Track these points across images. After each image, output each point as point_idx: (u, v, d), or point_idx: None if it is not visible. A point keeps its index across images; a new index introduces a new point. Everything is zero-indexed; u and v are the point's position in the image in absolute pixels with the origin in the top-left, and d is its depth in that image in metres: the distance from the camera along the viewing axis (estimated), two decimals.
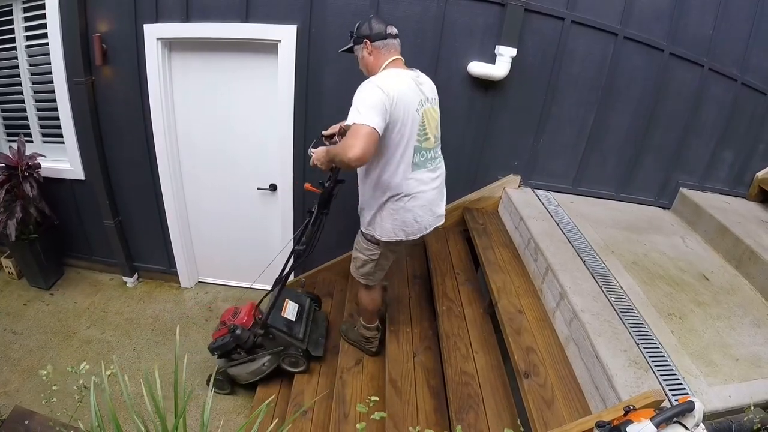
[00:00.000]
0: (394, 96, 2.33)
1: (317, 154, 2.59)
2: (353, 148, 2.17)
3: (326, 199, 2.95)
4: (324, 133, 3.04)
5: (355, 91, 2.72)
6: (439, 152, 2.78)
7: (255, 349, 3.44)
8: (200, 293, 4.93)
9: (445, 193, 2.87)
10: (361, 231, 2.84)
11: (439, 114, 2.72)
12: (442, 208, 2.80)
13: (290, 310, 3.63)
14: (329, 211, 3.04)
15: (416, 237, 2.69)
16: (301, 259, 3.18)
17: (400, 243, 2.73)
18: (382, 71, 2.53)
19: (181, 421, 1.76)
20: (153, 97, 3.90)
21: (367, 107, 2.25)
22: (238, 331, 3.32)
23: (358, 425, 1.94)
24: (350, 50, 2.77)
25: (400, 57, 2.62)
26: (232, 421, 3.51)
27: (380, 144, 2.36)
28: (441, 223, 2.81)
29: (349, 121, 2.28)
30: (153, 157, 4.18)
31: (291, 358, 3.46)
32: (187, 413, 1.89)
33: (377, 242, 2.73)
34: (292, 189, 4.21)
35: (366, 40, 2.59)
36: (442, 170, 2.79)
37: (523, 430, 2.21)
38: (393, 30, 2.61)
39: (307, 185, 2.93)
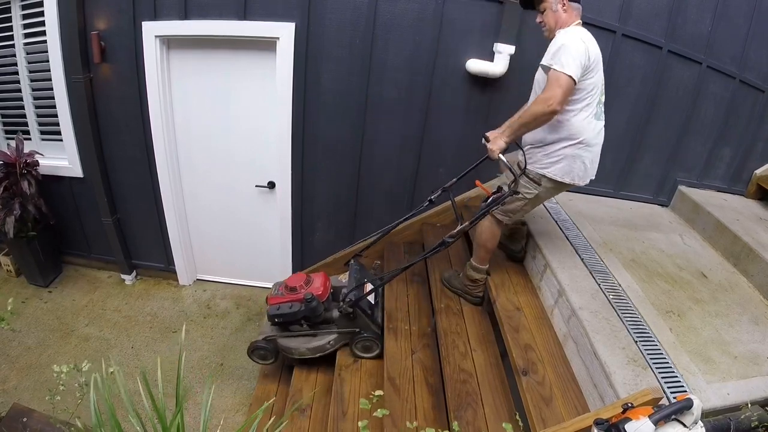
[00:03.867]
0: (592, 50, 2.46)
1: (493, 142, 2.62)
2: (556, 98, 2.32)
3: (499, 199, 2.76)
4: (488, 134, 2.89)
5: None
6: None
7: (320, 324, 3.28)
8: (198, 291, 4.93)
9: None
10: (523, 170, 2.76)
11: None
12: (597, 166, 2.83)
13: (370, 291, 3.37)
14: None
15: (575, 184, 2.74)
16: (442, 248, 2.91)
17: (562, 187, 2.77)
18: (572, 27, 2.57)
19: (180, 420, 1.76)
20: (151, 95, 3.89)
21: (568, 56, 2.35)
22: (314, 303, 3.14)
23: (359, 423, 1.95)
24: (528, 3, 2.80)
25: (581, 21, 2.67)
26: (231, 419, 3.51)
27: (576, 87, 2.47)
28: (591, 179, 2.83)
29: (546, 62, 2.42)
30: (151, 155, 4.18)
31: (366, 342, 3.23)
32: (186, 411, 1.89)
33: (539, 182, 2.74)
34: (290, 186, 4.21)
35: None
36: None
37: (521, 424, 2.22)
38: None
39: (478, 182, 2.92)
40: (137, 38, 3.70)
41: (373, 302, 3.38)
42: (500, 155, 2.57)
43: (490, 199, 2.72)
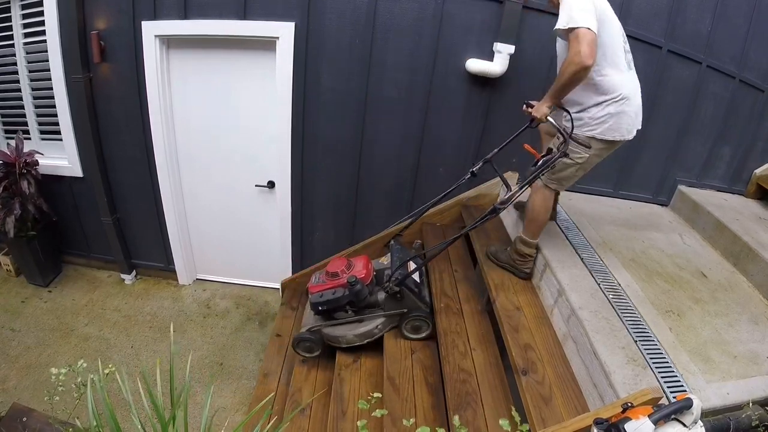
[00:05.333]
0: (597, 2, 2.44)
1: (536, 109, 2.63)
2: (583, 53, 2.30)
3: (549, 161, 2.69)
4: (532, 102, 2.88)
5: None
6: None
7: (366, 308, 3.21)
8: (198, 290, 4.93)
9: None
10: (570, 134, 2.72)
11: None
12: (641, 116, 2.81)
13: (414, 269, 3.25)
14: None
15: (625, 140, 2.73)
16: (493, 216, 2.81)
17: (613, 145, 2.75)
18: None
19: (180, 419, 1.76)
20: (151, 95, 3.89)
21: (579, 10, 2.34)
22: (358, 286, 3.06)
23: (358, 422, 1.95)
24: None
25: None
26: (230, 418, 3.51)
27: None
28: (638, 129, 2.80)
29: (561, 25, 2.40)
30: (151, 155, 4.18)
31: (415, 322, 3.14)
32: (185, 411, 1.89)
33: (589, 145, 2.70)
34: (290, 186, 4.22)
35: None
36: None
37: (519, 418, 2.22)
38: None
39: (527, 145, 2.82)
40: (137, 38, 3.70)
41: (418, 281, 3.29)
42: (549, 117, 2.58)
43: (540, 161, 2.67)
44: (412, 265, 3.19)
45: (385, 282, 3.12)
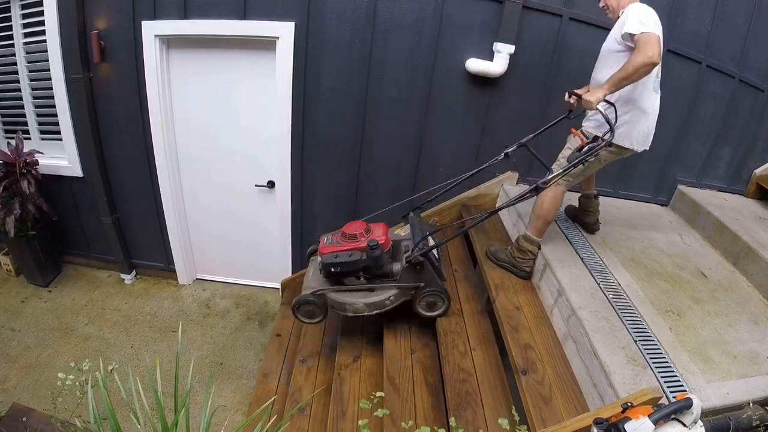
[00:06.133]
0: (659, 21, 2.59)
1: (591, 93, 2.66)
2: (652, 52, 2.45)
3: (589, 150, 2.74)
4: (577, 91, 2.93)
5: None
6: None
7: (379, 277, 3.08)
8: (198, 290, 4.93)
9: None
10: (584, 133, 2.92)
11: None
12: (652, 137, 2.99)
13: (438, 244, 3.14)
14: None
15: (634, 150, 2.90)
16: (534, 194, 2.79)
17: (622, 151, 2.91)
18: (636, 3, 2.75)
19: (182, 419, 1.76)
20: (151, 94, 3.89)
21: (651, 21, 2.52)
22: (378, 251, 2.91)
23: (360, 422, 1.94)
24: None
25: None
26: (230, 418, 3.51)
27: None
28: (646, 149, 2.98)
29: (633, 30, 2.53)
30: (151, 155, 4.18)
31: (431, 298, 3.03)
32: (187, 415, 1.89)
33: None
34: (290, 186, 4.22)
35: None
36: None
37: (518, 418, 2.22)
38: None
39: (574, 129, 2.90)
40: (137, 38, 3.70)
41: (437, 256, 3.17)
42: (598, 106, 2.63)
43: (586, 147, 2.73)
44: (431, 241, 3.09)
45: (407, 251, 3.04)
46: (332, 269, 2.98)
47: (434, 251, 3.09)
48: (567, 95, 2.89)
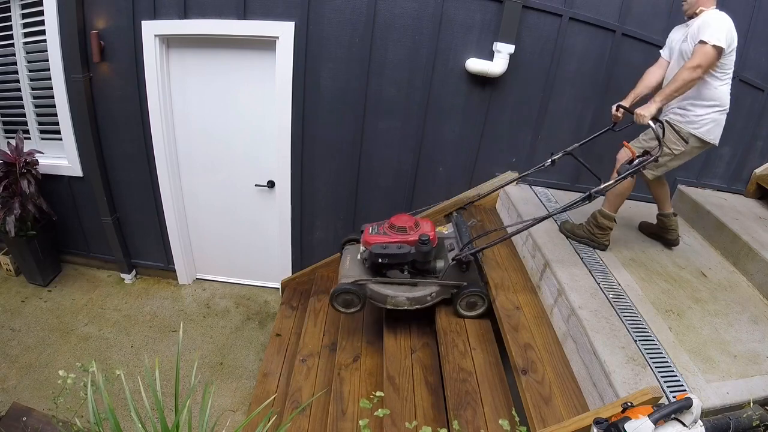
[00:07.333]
0: (734, 32, 2.74)
1: (644, 108, 2.79)
2: (702, 68, 2.68)
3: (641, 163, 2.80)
4: (624, 104, 3.10)
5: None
6: None
7: (422, 273, 3.10)
8: (198, 290, 4.93)
9: None
10: (674, 126, 3.03)
11: None
12: None
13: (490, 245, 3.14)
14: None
15: (713, 145, 3.09)
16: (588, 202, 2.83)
17: (704, 146, 3.08)
18: (713, 9, 2.83)
19: (183, 419, 1.76)
20: (150, 94, 3.89)
21: (720, 32, 2.66)
22: (427, 247, 2.93)
23: (360, 422, 1.94)
24: None
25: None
26: (230, 418, 3.51)
27: (723, 62, 2.80)
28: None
29: (709, 39, 2.65)
30: (151, 154, 4.18)
31: (471, 298, 3.05)
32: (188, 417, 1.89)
33: (687, 140, 3.00)
34: (289, 185, 4.21)
35: None
36: None
37: (518, 419, 2.22)
38: None
39: (626, 143, 3.02)
40: (137, 37, 3.70)
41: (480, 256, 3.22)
42: (650, 121, 2.72)
43: (636, 161, 2.79)
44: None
45: (451, 249, 3.09)
46: (380, 260, 2.99)
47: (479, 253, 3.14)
48: (614, 108, 3.09)
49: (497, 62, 3.53)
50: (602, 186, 2.77)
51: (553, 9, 3.47)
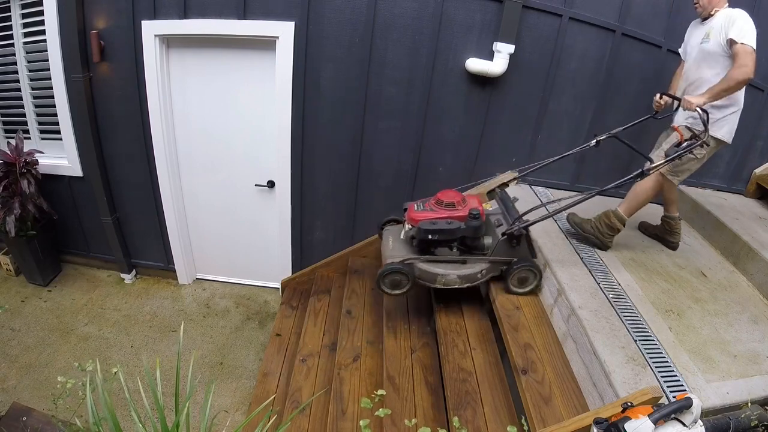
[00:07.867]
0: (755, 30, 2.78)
1: (696, 97, 2.83)
2: (751, 66, 2.72)
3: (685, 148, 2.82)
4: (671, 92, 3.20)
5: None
6: None
7: (471, 250, 3.02)
8: (198, 290, 4.93)
9: None
10: (694, 131, 3.00)
11: None
12: None
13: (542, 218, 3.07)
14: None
15: (727, 144, 3.14)
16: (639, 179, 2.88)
17: (718, 145, 3.11)
18: (727, 8, 2.92)
19: (183, 419, 1.76)
20: (150, 94, 3.89)
21: (750, 32, 2.72)
22: (478, 221, 2.84)
23: (361, 422, 1.94)
24: None
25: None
26: (230, 417, 3.51)
27: None
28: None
29: (735, 37, 2.72)
30: (151, 154, 4.18)
31: (522, 273, 2.97)
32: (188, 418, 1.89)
33: (708, 144, 2.98)
34: (289, 185, 4.21)
35: None
36: None
37: (524, 424, 2.22)
38: None
39: (675, 126, 3.12)
40: (137, 37, 3.70)
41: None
42: (697, 108, 2.77)
43: (684, 143, 2.82)
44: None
45: (499, 225, 3.06)
46: (429, 236, 2.89)
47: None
48: (658, 96, 3.13)
49: (497, 62, 3.53)
50: (653, 165, 2.80)
51: (553, 9, 3.47)
